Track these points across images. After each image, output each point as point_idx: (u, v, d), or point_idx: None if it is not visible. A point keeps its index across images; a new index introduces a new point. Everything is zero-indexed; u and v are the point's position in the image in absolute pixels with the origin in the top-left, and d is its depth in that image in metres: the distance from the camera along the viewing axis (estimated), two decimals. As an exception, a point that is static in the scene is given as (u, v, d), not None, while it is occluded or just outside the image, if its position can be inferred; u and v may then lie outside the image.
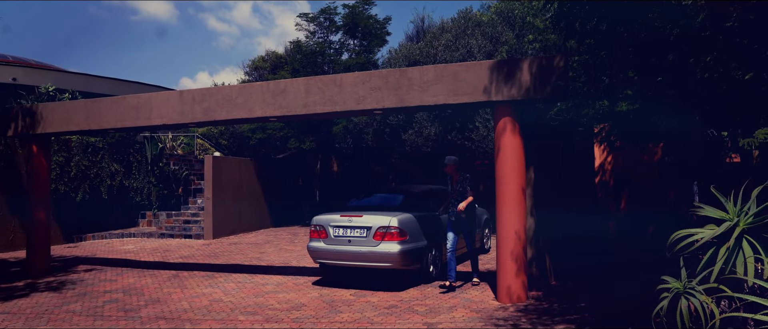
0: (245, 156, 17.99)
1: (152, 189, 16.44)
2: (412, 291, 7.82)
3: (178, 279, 9.12)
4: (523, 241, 7.05)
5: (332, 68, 17.20)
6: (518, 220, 7.01)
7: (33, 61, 26.71)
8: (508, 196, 7.01)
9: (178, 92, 8.80)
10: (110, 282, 9.01)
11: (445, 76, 7.18)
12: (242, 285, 8.56)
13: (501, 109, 7.06)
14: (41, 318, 6.81)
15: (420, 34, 18.92)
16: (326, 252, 8.12)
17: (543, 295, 7.31)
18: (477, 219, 10.63)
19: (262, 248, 12.77)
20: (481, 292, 7.63)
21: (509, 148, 7.01)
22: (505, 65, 6.94)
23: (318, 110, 7.85)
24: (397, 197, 8.99)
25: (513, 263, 6.94)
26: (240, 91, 8.32)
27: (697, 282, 3.71)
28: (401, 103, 7.40)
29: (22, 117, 9.68)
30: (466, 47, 14.50)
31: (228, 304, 7.31)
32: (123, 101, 9.07)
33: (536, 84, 6.78)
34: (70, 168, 14.51)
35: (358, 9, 16.95)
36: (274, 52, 20.41)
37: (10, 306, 7.54)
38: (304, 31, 17.77)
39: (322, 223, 8.24)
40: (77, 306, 7.47)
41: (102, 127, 9.23)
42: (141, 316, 6.80)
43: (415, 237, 7.97)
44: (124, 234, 15.46)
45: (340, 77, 7.74)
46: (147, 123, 8.91)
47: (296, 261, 10.86)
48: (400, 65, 15.14)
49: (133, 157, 16.22)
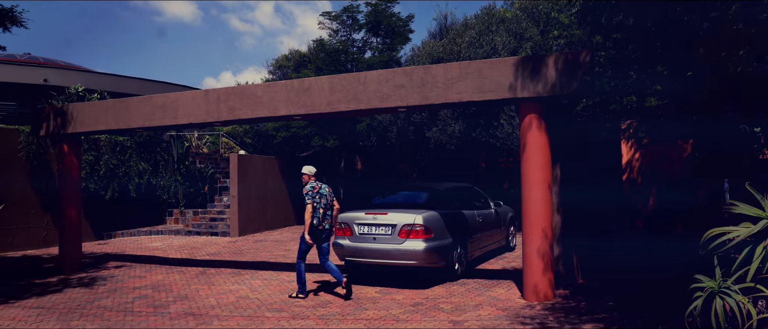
0: (269, 154, 18.13)
1: (179, 187, 16.67)
2: (438, 288, 7.80)
3: (205, 276, 9.24)
4: (550, 239, 6.98)
5: (355, 66, 17.23)
6: (545, 217, 6.95)
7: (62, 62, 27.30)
8: (534, 193, 6.95)
9: (203, 91, 8.90)
10: (139, 279, 9.17)
11: (470, 73, 7.14)
12: (268, 282, 8.63)
13: (526, 106, 7.00)
14: (74, 313, 6.96)
15: (443, 31, 18.82)
16: (351, 250, 8.15)
17: (570, 293, 7.24)
18: (502, 217, 10.59)
19: (287, 245, 12.86)
20: (508, 290, 7.58)
21: (535, 145, 6.95)
22: (530, 61, 6.87)
23: (342, 108, 7.87)
24: (421, 195, 8.97)
25: (540, 261, 6.88)
26: (264, 90, 8.38)
27: (733, 281, 3.63)
28: (425, 100, 7.38)
29: (53, 117, 9.89)
30: (490, 44, 14.39)
31: (254, 301, 7.38)
32: (150, 101, 9.21)
33: (562, 80, 6.70)
34: (99, 167, 14.79)
35: (381, 7, 16.94)
36: (297, 51, 20.51)
37: (45, 301, 7.72)
38: (327, 29, 17.84)
39: (347, 221, 8.27)
40: (108, 301, 7.61)
41: (130, 126, 9.38)
42: (170, 312, 6.90)
43: (441, 234, 7.95)
44: (152, 232, 15.71)
45: (364, 75, 7.75)
46: (173, 122, 9.02)
47: (321, 258, 10.90)
48: (423, 63, 15.10)
49: (160, 155, 16.46)
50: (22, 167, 13.10)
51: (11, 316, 6.88)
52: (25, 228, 13.13)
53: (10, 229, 12.80)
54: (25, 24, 8.91)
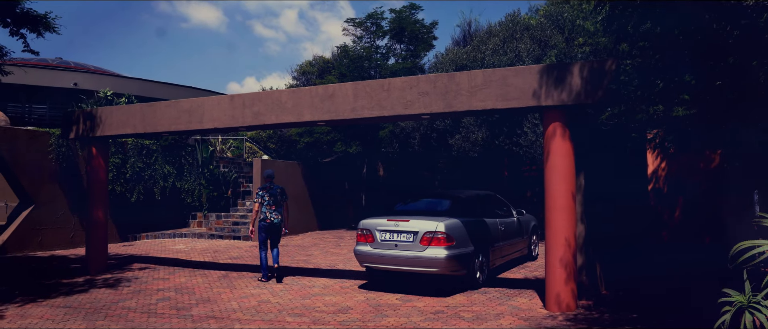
0: (293, 159, 18.25)
1: (203, 191, 16.87)
2: (459, 297, 7.76)
3: (227, 280, 9.32)
4: (573, 248, 6.90)
5: (379, 73, 17.28)
6: (568, 227, 6.88)
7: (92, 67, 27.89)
8: (557, 202, 6.89)
9: (229, 96, 9.00)
10: (163, 281, 9.28)
11: (494, 81, 7.11)
12: (289, 286, 8.67)
13: (550, 114, 6.95)
14: (99, 313, 7.07)
15: (467, 38, 18.81)
16: (373, 256, 8.15)
17: (593, 304, 7.14)
18: (524, 225, 10.51)
19: (309, 251, 12.91)
20: (529, 300, 7.50)
21: (559, 154, 6.89)
22: (555, 69, 6.82)
23: (366, 114, 7.89)
24: (444, 202, 8.95)
25: (562, 270, 6.80)
26: (289, 96, 8.45)
27: (763, 296, 3.55)
28: (449, 107, 7.37)
29: (83, 120, 10.09)
30: (514, 51, 14.33)
31: (276, 305, 7.42)
32: (177, 105, 9.35)
33: (587, 88, 6.64)
34: (126, 169, 15.04)
35: (405, 14, 17.00)
36: (321, 57, 20.66)
37: (71, 300, 7.86)
38: (351, 35, 17.96)
39: (369, 227, 8.27)
40: (132, 302, 7.72)
41: (156, 130, 9.53)
42: (192, 315, 6.97)
43: (462, 242, 7.91)
44: (175, 235, 15.91)
45: (388, 82, 7.76)
46: (199, 126, 9.14)
47: (342, 264, 10.93)
48: (446, 70, 15.08)
49: (185, 159, 16.69)
50: (52, 169, 13.39)
51: (39, 315, 7.02)
52: (54, 228, 13.40)
53: (39, 229, 13.08)
54: (58, 29, 9.12)
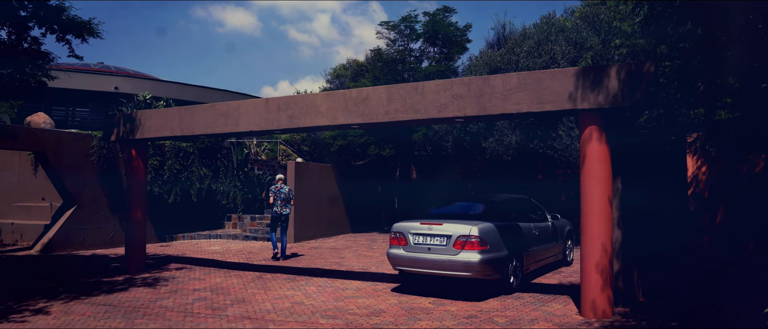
0: (326, 162, 18.38)
1: (237, 192, 17.11)
2: (492, 301, 7.70)
3: (261, 281, 9.44)
4: (610, 254, 6.78)
5: (412, 76, 17.27)
6: (604, 232, 6.76)
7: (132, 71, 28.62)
8: (593, 207, 6.78)
9: (264, 100, 9.12)
10: (199, 281, 9.45)
11: (529, 84, 7.04)
12: (323, 288, 8.73)
13: (587, 117, 6.84)
14: (138, 312, 7.24)
15: (501, 40, 18.65)
16: (405, 260, 8.14)
17: (630, 312, 6.99)
18: (559, 230, 10.36)
19: (342, 253, 12.98)
20: (564, 306, 7.39)
21: (595, 157, 6.78)
22: (592, 72, 6.72)
23: (399, 118, 7.90)
24: (477, 206, 8.89)
25: (598, 276, 6.69)
26: (323, 99, 8.52)
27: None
28: (483, 111, 7.32)
29: (123, 123, 10.37)
30: (549, 54, 14.15)
31: (309, 307, 7.48)
32: (213, 108, 9.52)
33: (624, 91, 6.51)
34: (163, 171, 15.37)
35: (439, 17, 16.95)
36: (354, 60, 20.76)
37: (111, 298, 8.07)
38: (384, 39, 17.96)
39: (402, 230, 8.27)
40: (169, 302, 7.88)
41: (194, 133, 9.72)
42: (227, 315, 7.08)
43: (496, 246, 7.84)
44: (211, 236, 16.18)
45: (422, 85, 7.76)
46: (235, 129, 9.29)
47: (375, 267, 10.95)
48: (480, 73, 14.99)
49: (221, 161, 16.96)
50: (94, 170, 13.78)
51: (81, 312, 7.23)
52: (95, 228, 13.78)
53: (81, 229, 13.47)
54: (101, 35, 9.38)
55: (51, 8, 8.82)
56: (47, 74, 9.83)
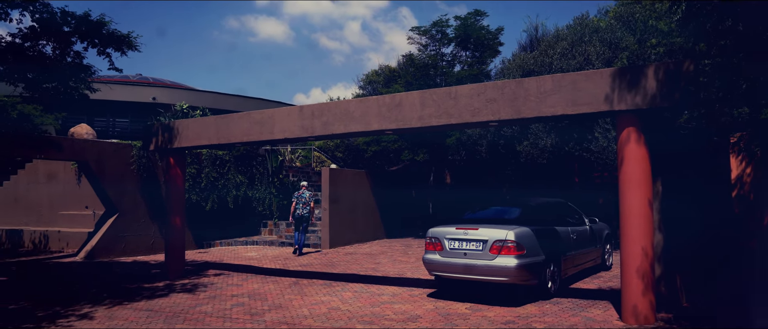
0: (360, 168, 18.45)
1: (273, 199, 17.31)
2: (530, 306, 7.60)
3: (298, 287, 9.52)
4: (651, 258, 6.62)
5: (444, 80, 17.24)
6: (645, 235, 6.61)
7: (169, 82, 29.29)
8: (633, 210, 6.64)
9: (298, 107, 9.22)
10: (237, 287, 9.59)
11: (563, 86, 6.95)
12: (359, 294, 8.76)
13: (624, 119, 6.72)
14: (178, 317, 7.38)
15: (533, 43, 18.48)
16: (442, 265, 8.10)
17: (673, 317, 6.81)
18: (597, 234, 10.17)
19: (377, 259, 13.00)
20: (604, 311, 7.25)
21: (634, 159, 6.64)
22: (628, 72, 6.60)
23: (433, 123, 7.89)
24: (513, 210, 8.80)
25: (639, 281, 6.54)
26: (357, 105, 8.56)
27: None
28: (517, 114, 7.26)
29: (161, 132, 10.62)
30: (583, 55, 13.95)
31: (345, 313, 7.50)
32: (249, 117, 9.66)
33: (663, 91, 6.37)
34: (200, 179, 15.66)
35: (470, 20, 16.88)
36: (387, 66, 20.82)
37: (153, 304, 8.25)
38: (416, 44, 17.97)
39: (437, 236, 8.24)
40: (208, 307, 8.01)
41: (230, 141, 9.88)
42: (265, 320, 7.16)
43: (533, 251, 7.75)
44: (247, 242, 16.40)
45: (455, 89, 7.73)
46: (270, 137, 9.41)
47: (411, 272, 10.93)
48: (513, 76, 14.87)
49: (256, 169, 17.19)
50: (134, 179, 14.13)
51: (124, 317, 7.41)
52: (135, 235, 14.12)
53: (122, 236, 13.82)
54: (139, 48, 9.65)
55: (93, 23, 9.12)
56: (89, 87, 10.15)
